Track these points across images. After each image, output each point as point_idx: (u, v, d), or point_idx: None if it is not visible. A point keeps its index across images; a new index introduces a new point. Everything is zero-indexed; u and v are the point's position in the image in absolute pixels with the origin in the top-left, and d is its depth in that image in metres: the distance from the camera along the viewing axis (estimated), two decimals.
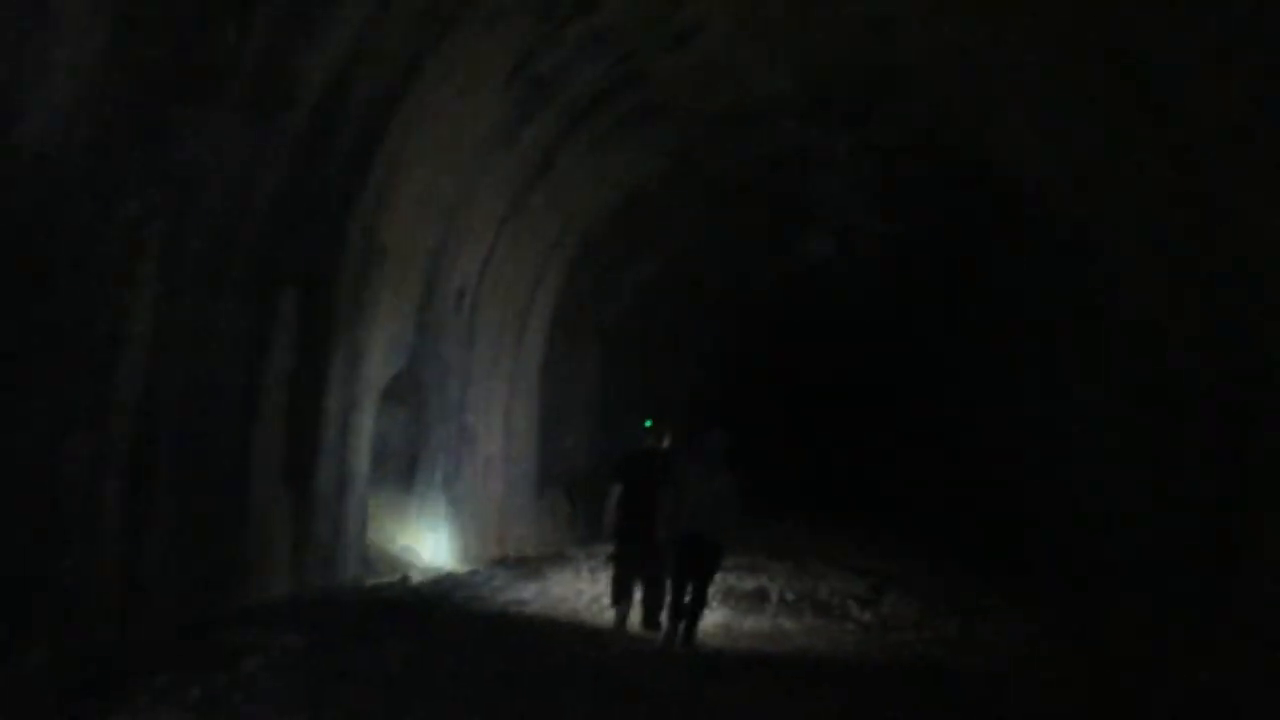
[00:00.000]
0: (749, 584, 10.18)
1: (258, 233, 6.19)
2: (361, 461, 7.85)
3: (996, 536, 15.42)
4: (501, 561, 10.01)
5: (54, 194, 4.69)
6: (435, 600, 7.39)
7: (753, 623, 8.26)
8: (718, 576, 7.54)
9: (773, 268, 16.28)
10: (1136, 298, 9.65)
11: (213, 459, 5.91)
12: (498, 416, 10.67)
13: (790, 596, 9.77)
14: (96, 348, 4.99)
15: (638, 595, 7.29)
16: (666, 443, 7.65)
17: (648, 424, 7.92)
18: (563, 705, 4.70)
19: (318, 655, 5.09)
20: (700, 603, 6.89)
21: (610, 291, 13.33)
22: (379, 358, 8.01)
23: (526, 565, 10.04)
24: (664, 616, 6.96)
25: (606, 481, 7.45)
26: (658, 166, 12.08)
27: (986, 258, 13.50)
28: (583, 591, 8.82)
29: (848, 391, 23.53)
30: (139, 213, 5.13)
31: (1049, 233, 11.42)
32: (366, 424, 7.92)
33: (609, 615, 7.64)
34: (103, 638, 4.87)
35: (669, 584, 6.92)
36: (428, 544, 9.12)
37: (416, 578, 8.20)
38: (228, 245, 5.93)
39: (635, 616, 7.34)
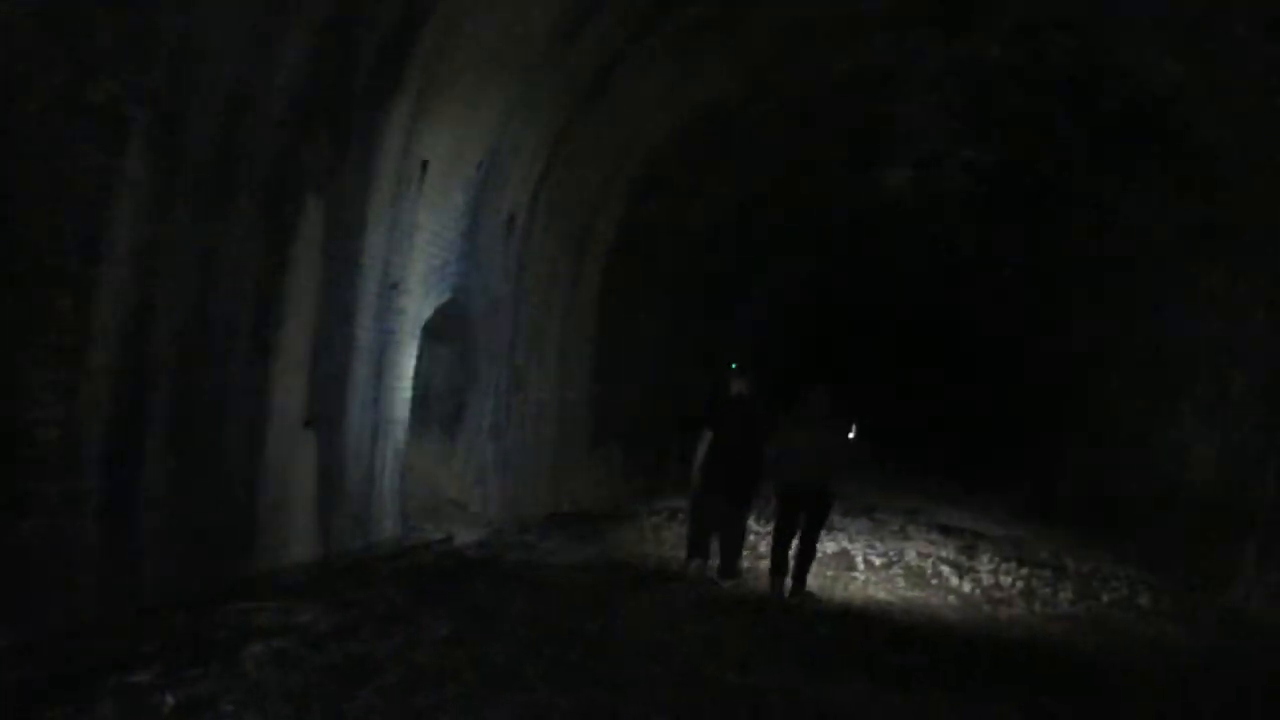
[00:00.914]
0: (830, 546, 9.15)
1: (274, 135, 5.22)
2: (399, 406, 6.94)
3: (1087, 489, 14.21)
4: (555, 518, 9.11)
5: (6, 70, 3.76)
6: (482, 565, 6.51)
7: (842, 594, 7.26)
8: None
9: (851, 201, 14.99)
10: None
11: (221, 401, 5.01)
12: (552, 359, 9.70)
13: (877, 561, 8.76)
14: (68, 263, 4.07)
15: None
16: (749, 390, 7.28)
17: (734, 366, 7.17)
18: (636, 716, 3.75)
19: (339, 639, 4.20)
20: (811, 554, 7.00)
21: (675, 223, 12.20)
22: (419, 288, 7.05)
23: (583, 523, 9.13)
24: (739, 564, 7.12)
25: (698, 428, 7.15)
26: (729, 85, 10.85)
27: (1091, 188, 12.09)
28: (648, 555, 7.89)
29: (923, 335, 22.26)
30: (118, 97, 4.18)
31: (1174, 157, 10.05)
32: (405, 364, 6.99)
33: (679, 584, 6.73)
34: (80, 617, 4.03)
35: (774, 538, 7.00)
36: (475, 498, 8.24)
37: (462, 537, 7.33)
38: (237, 146, 4.97)
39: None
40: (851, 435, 7.21)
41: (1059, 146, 11.77)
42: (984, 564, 9.24)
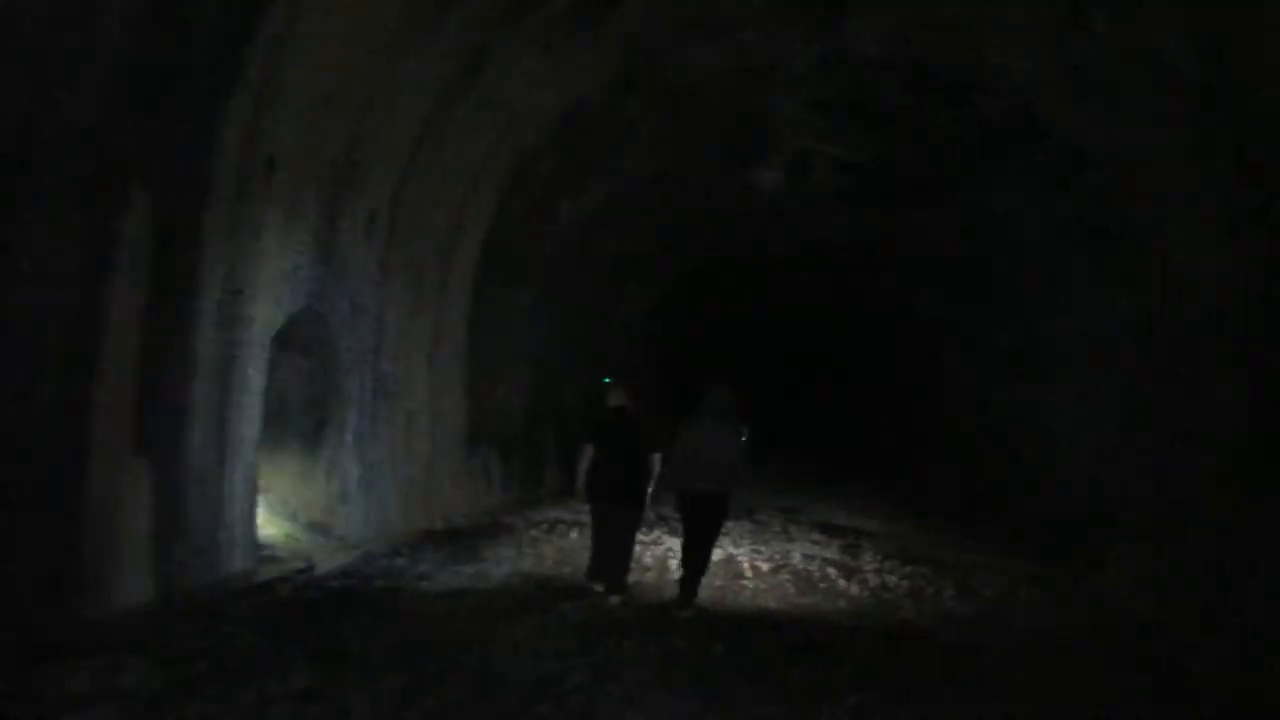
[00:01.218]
0: (716, 553, 8.87)
1: (90, 118, 4.55)
2: (249, 423, 6.27)
3: (959, 482, 14.54)
4: (428, 536, 8.53)
5: None
6: (348, 596, 5.91)
7: (733, 603, 6.99)
8: (678, 547, 7.39)
9: (725, 200, 14.85)
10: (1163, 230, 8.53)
11: (27, 427, 4.32)
12: (420, 365, 9.12)
13: (764, 566, 8.55)
14: None
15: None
16: (628, 401, 6.95)
17: (607, 380, 7.05)
18: None
19: (173, 702, 3.61)
20: (705, 562, 6.79)
21: (549, 222, 11.76)
22: (270, 294, 6.40)
23: (458, 540, 8.58)
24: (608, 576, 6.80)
25: (579, 442, 6.89)
26: (600, 80, 10.47)
27: (962, 184, 12.29)
28: (529, 573, 7.42)
29: (797, 332, 22.48)
30: None
31: (1041, 154, 10.26)
32: (255, 377, 6.33)
33: (564, 604, 6.30)
34: None
35: (684, 547, 6.83)
36: (339, 519, 7.61)
37: (325, 564, 6.71)
38: (42, 128, 4.29)
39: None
40: (744, 436, 6.95)
41: (930, 144, 11.89)
42: (868, 563, 9.18)
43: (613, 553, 6.75)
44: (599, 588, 6.72)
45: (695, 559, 6.65)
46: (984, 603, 7.71)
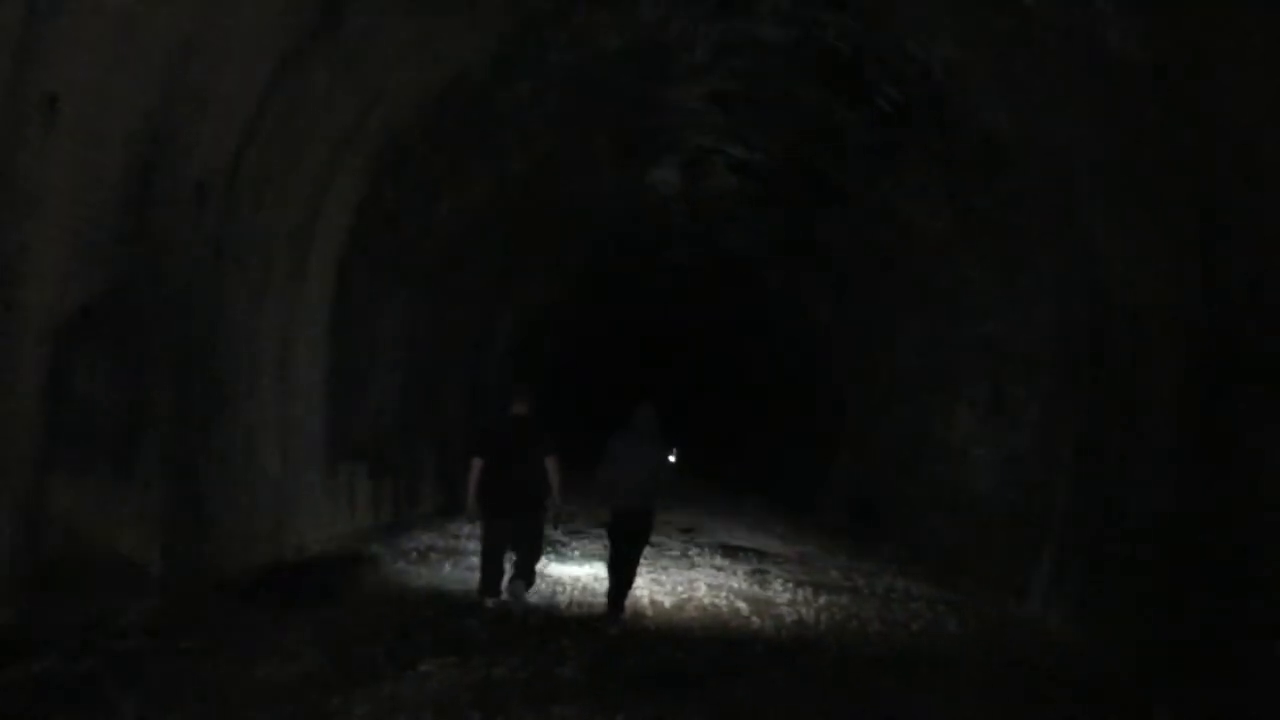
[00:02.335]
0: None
1: None
2: (24, 437, 4.90)
3: (861, 496, 13.90)
4: (272, 571, 7.17)
5: None
6: (139, 664, 4.57)
7: (633, 647, 5.90)
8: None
9: (617, 200, 13.89)
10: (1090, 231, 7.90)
11: None
12: (268, 368, 7.77)
13: (667, 602, 7.56)
14: None
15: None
16: (528, 408, 6.87)
17: (513, 387, 7.16)
18: None
19: None
20: (631, 576, 6.99)
21: (429, 210, 10.53)
22: (50, 273, 5.03)
23: (310, 574, 7.24)
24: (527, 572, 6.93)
25: (466, 454, 6.79)
26: (481, 55, 9.33)
27: (864, 181, 11.59)
28: (393, 616, 6.16)
29: (686, 340, 21.71)
30: None
31: (952, 145, 9.59)
32: (30, 377, 4.96)
33: (430, 660, 5.12)
34: None
35: (610, 567, 6.95)
36: (156, 554, 6.22)
37: (128, 614, 5.35)
38: None
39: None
40: (672, 457, 6.74)
41: (833, 138, 11.17)
42: (779, 593, 8.31)
43: (522, 562, 6.80)
44: (489, 602, 6.59)
45: (623, 573, 6.85)
46: (915, 639, 6.86)
